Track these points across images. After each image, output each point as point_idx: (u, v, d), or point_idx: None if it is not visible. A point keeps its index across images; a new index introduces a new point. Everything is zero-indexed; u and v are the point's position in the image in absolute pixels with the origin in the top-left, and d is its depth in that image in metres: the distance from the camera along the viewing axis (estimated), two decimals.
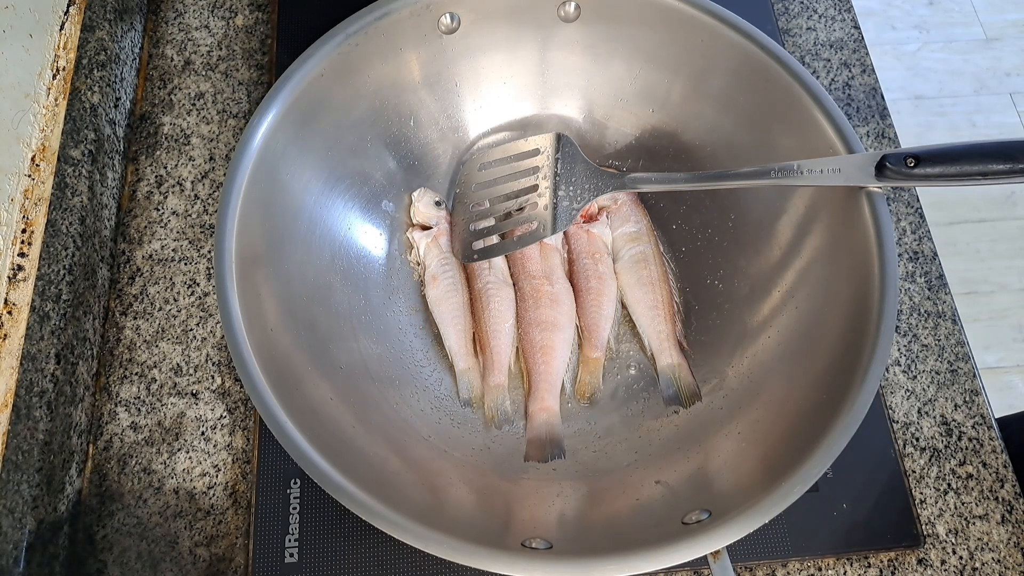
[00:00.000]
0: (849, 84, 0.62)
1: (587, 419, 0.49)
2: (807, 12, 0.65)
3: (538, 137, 0.51)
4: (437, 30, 0.49)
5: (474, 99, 0.54)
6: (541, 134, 0.51)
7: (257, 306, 0.41)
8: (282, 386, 0.39)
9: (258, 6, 0.63)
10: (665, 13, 0.48)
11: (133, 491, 0.48)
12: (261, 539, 0.46)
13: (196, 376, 0.51)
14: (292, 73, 0.45)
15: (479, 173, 0.52)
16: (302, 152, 0.46)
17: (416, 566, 0.45)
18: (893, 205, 0.57)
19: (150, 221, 0.56)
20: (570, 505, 0.43)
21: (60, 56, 0.54)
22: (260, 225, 0.43)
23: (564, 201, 0.48)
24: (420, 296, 0.52)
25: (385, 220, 0.52)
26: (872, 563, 0.47)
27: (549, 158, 0.50)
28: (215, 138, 0.58)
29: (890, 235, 0.41)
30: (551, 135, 0.50)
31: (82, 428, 0.48)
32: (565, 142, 0.50)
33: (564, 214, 0.48)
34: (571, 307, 0.51)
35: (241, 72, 0.61)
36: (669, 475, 0.43)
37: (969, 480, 0.49)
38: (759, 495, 0.36)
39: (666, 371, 0.49)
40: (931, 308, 0.54)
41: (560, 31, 0.51)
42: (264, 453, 0.48)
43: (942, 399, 0.51)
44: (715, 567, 0.36)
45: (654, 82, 0.51)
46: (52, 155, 0.51)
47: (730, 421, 0.45)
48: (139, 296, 0.53)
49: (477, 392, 0.49)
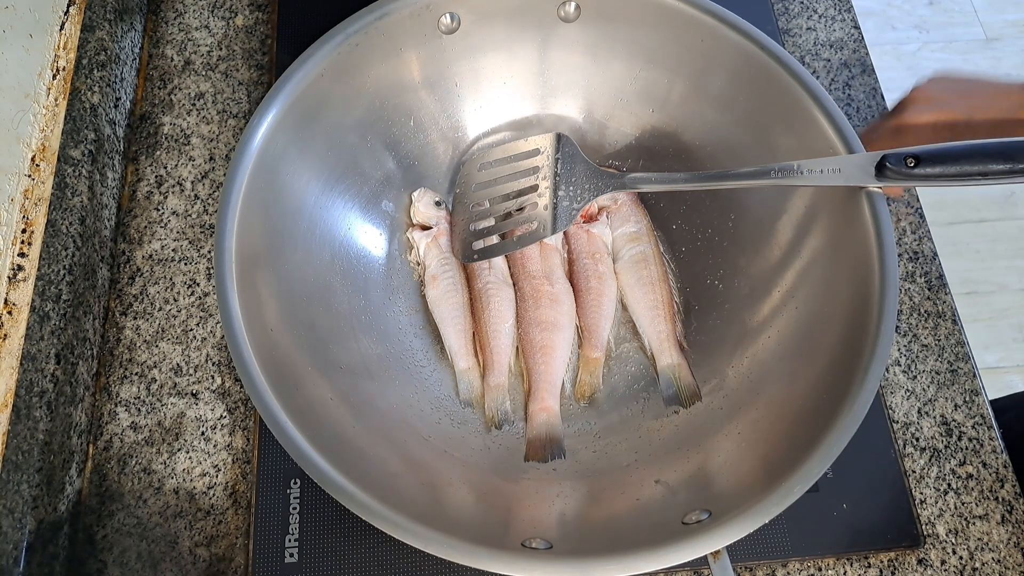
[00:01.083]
0: (849, 84, 0.62)
1: (587, 419, 0.49)
2: (807, 12, 0.65)
3: (538, 137, 0.50)
4: (437, 30, 0.49)
5: (474, 99, 0.54)
6: (541, 134, 0.51)
7: (257, 306, 0.41)
8: (282, 386, 0.39)
9: (258, 6, 0.63)
10: (665, 13, 0.48)
11: (133, 491, 0.48)
12: (261, 539, 0.46)
13: (196, 376, 0.51)
14: (292, 73, 0.45)
15: (479, 173, 0.52)
16: (302, 152, 0.46)
17: (416, 566, 0.45)
18: (893, 205, 0.57)
19: (150, 221, 0.56)
20: (570, 505, 0.43)
21: (60, 56, 0.54)
22: (260, 225, 0.43)
23: (564, 201, 0.48)
24: (420, 296, 0.52)
25: (385, 220, 0.52)
26: (872, 563, 0.47)
27: (549, 158, 0.50)
28: (215, 138, 0.58)
29: (890, 235, 0.41)
30: (551, 135, 0.50)
31: (82, 428, 0.48)
32: (565, 142, 0.50)
33: (564, 214, 0.48)
34: (571, 307, 0.51)
35: (241, 72, 0.61)
36: (669, 475, 0.43)
37: (969, 480, 0.49)
38: (759, 495, 0.36)
39: (666, 371, 0.49)
40: (931, 308, 0.54)
41: (560, 31, 0.51)
42: (264, 453, 0.48)
43: (942, 399, 0.51)
44: (715, 567, 0.36)
45: (654, 82, 0.51)
46: (52, 155, 0.51)
47: (730, 421, 0.45)
48: (139, 296, 0.53)
49: (477, 392, 0.49)
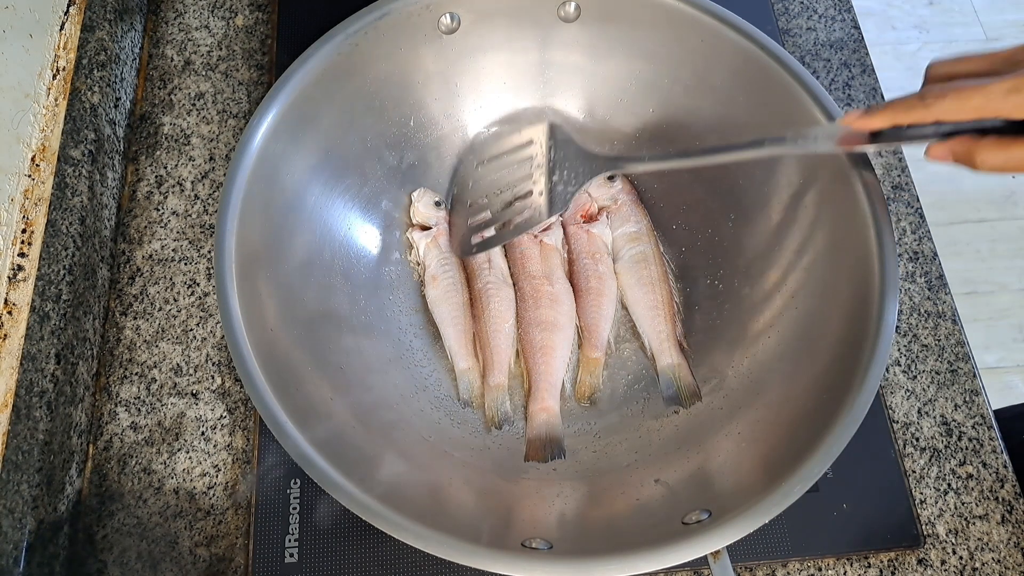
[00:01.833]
0: (849, 84, 0.62)
1: (587, 419, 0.49)
2: (807, 12, 0.65)
3: (531, 128, 0.51)
4: (437, 30, 0.49)
5: (474, 99, 0.54)
6: (534, 125, 0.52)
7: (257, 306, 0.41)
8: (282, 386, 0.39)
9: (258, 6, 0.63)
10: (665, 13, 0.48)
11: (133, 491, 0.48)
12: (261, 539, 0.46)
13: (196, 376, 0.51)
14: (292, 73, 0.45)
15: (475, 171, 0.52)
16: (302, 152, 0.46)
17: (416, 566, 0.45)
18: (893, 205, 0.57)
19: (150, 221, 0.56)
20: (570, 505, 0.43)
21: (60, 56, 0.54)
22: (260, 225, 0.43)
23: (559, 186, 0.49)
24: (420, 296, 0.52)
25: (385, 220, 0.52)
26: (872, 563, 0.47)
27: (542, 147, 0.50)
28: (215, 138, 0.58)
29: (890, 235, 0.41)
30: (543, 125, 0.51)
31: (82, 428, 0.48)
32: (557, 130, 0.51)
33: (559, 198, 0.49)
34: (571, 307, 0.51)
35: (241, 72, 0.61)
36: (669, 475, 0.43)
37: (969, 480, 0.49)
38: (759, 495, 0.36)
39: (666, 371, 0.49)
40: (931, 308, 0.54)
41: (560, 31, 0.51)
42: (264, 453, 0.48)
43: (942, 399, 0.51)
44: (715, 567, 0.36)
45: (654, 82, 0.51)
46: (52, 155, 0.51)
47: (730, 421, 0.45)
48: (139, 296, 0.53)
49: (477, 392, 0.49)
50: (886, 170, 0.59)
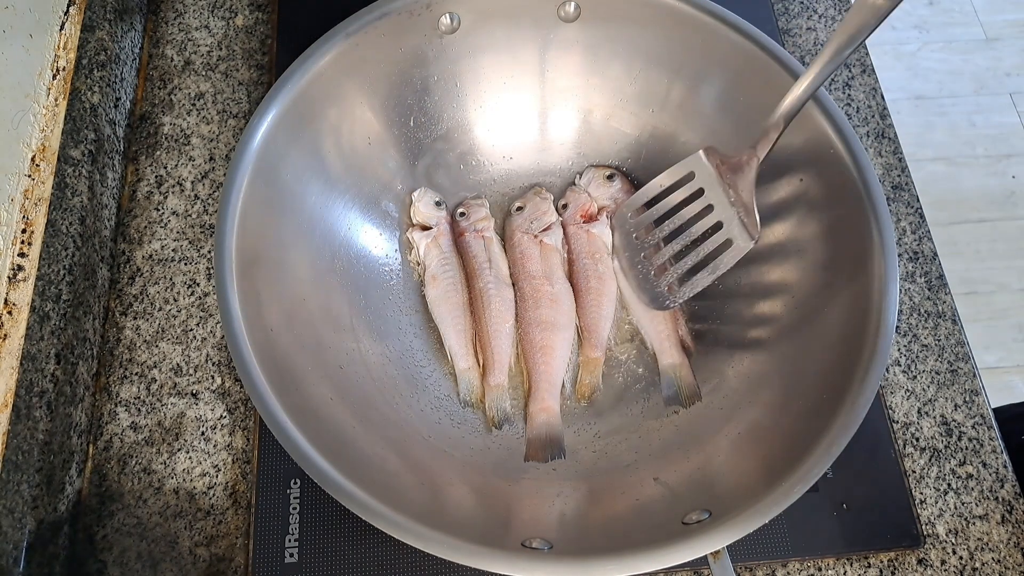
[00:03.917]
0: (849, 84, 0.62)
1: (587, 419, 0.49)
2: (807, 12, 0.65)
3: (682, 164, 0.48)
4: (437, 30, 0.49)
5: (474, 99, 0.54)
6: (683, 160, 0.48)
7: (257, 306, 0.41)
8: (282, 386, 0.39)
9: (258, 6, 0.63)
10: (665, 13, 0.48)
11: (133, 491, 0.48)
12: (261, 539, 0.46)
13: (196, 376, 0.51)
14: (292, 73, 0.45)
15: (631, 220, 0.51)
16: (302, 152, 0.46)
17: (416, 566, 0.45)
18: (893, 205, 0.57)
19: (150, 221, 0.56)
20: (570, 505, 0.43)
21: (60, 56, 0.54)
22: (260, 225, 0.43)
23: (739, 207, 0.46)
24: (420, 296, 0.52)
25: (385, 220, 0.52)
26: (872, 563, 0.47)
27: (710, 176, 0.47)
28: (215, 138, 0.58)
29: (890, 234, 0.41)
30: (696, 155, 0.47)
31: (82, 428, 0.48)
32: (710, 152, 0.47)
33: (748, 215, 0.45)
34: (571, 307, 0.51)
35: (241, 72, 0.61)
36: (669, 475, 0.43)
37: (969, 480, 0.49)
38: (759, 495, 0.36)
39: (667, 371, 0.49)
40: (931, 308, 0.54)
41: (560, 31, 0.51)
42: (264, 453, 0.48)
43: (942, 399, 0.51)
44: (715, 567, 0.36)
45: (654, 82, 0.51)
46: (52, 155, 0.51)
47: (730, 421, 0.45)
48: (139, 296, 0.53)
49: (477, 392, 0.49)
50: (886, 170, 0.59)
